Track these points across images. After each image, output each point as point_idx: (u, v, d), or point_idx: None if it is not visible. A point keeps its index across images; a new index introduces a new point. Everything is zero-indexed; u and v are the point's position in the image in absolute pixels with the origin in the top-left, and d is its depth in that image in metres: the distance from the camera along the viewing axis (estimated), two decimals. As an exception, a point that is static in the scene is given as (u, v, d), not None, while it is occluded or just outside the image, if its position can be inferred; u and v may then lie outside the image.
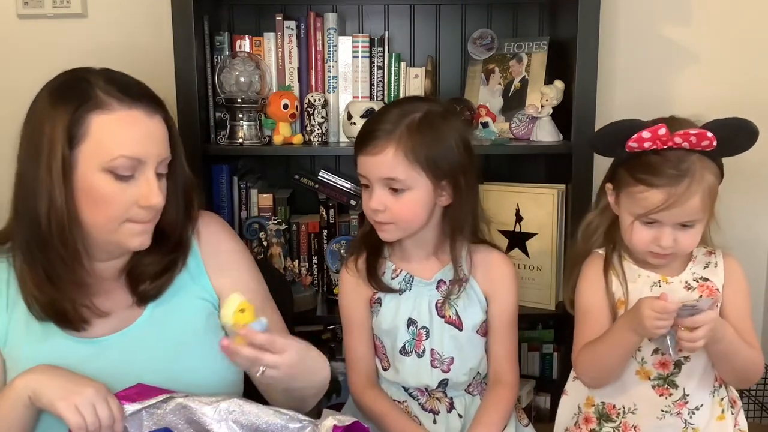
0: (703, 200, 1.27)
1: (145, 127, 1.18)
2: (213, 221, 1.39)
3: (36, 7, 2.07)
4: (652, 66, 2.11)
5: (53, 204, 1.14)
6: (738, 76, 2.11)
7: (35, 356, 1.18)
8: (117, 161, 1.14)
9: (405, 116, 1.35)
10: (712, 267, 1.37)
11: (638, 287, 1.36)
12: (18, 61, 2.10)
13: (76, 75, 1.20)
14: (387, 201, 1.35)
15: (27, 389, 1.10)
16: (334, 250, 1.97)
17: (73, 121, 1.13)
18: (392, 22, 2.10)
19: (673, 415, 1.35)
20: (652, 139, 1.27)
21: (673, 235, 1.29)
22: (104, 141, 1.14)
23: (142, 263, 1.26)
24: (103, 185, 1.15)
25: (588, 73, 1.77)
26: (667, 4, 2.10)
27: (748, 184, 2.11)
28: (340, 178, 2.10)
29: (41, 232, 1.15)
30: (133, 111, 1.16)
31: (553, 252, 1.88)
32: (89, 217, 1.17)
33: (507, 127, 1.97)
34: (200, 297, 1.31)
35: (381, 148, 1.33)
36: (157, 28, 1.96)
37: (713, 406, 1.38)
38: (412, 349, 1.45)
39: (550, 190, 1.88)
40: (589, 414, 1.42)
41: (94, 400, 1.07)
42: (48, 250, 1.16)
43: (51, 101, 1.16)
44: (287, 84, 1.98)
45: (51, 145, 1.13)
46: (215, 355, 1.21)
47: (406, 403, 1.49)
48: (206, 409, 1.14)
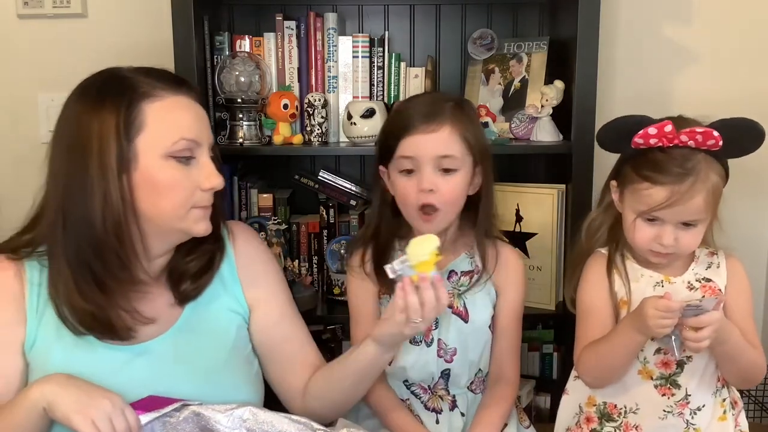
0: (707, 200, 1.27)
1: (194, 110, 1.21)
2: (248, 231, 1.40)
3: (36, 7, 2.07)
4: (653, 66, 2.11)
5: (108, 201, 1.13)
6: (738, 76, 2.11)
7: (67, 362, 1.18)
8: (178, 144, 1.15)
9: (445, 100, 1.40)
10: (714, 268, 1.38)
11: (641, 287, 1.36)
12: (18, 61, 2.11)
13: (110, 74, 1.20)
14: (438, 181, 1.35)
15: (42, 400, 1.09)
16: (334, 250, 1.97)
17: (126, 114, 1.13)
18: (392, 22, 2.10)
19: (675, 415, 1.35)
20: (658, 136, 1.27)
21: (674, 234, 1.29)
22: (163, 127, 1.15)
23: (184, 261, 1.26)
24: (168, 172, 1.15)
25: (588, 73, 1.77)
26: (667, 4, 2.10)
27: (748, 184, 2.11)
28: (340, 178, 2.10)
29: (95, 232, 1.14)
30: (180, 96, 1.19)
31: (553, 252, 1.88)
32: (153, 208, 1.16)
33: (507, 127, 1.97)
34: (232, 309, 1.32)
35: (438, 125, 1.35)
36: (157, 28, 1.96)
37: (715, 406, 1.38)
38: (421, 339, 1.45)
39: (550, 190, 1.88)
40: (591, 413, 1.42)
41: (110, 413, 1.07)
42: (104, 251, 1.15)
43: (93, 101, 1.16)
44: (287, 84, 1.98)
45: (101, 142, 1.13)
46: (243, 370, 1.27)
47: (409, 401, 1.50)
48: (220, 417, 1.13)
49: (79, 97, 1.18)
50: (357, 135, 1.86)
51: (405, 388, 1.50)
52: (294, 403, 1.36)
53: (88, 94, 1.18)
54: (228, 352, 1.28)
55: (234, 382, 1.28)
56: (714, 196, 1.28)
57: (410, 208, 1.40)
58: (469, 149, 1.38)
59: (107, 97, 1.15)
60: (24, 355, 1.20)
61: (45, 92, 2.10)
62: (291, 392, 1.36)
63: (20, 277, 1.21)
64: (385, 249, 1.46)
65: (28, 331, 1.20)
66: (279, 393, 1.38)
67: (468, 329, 1.45)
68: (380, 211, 1.48)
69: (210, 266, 1.29)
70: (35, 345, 1.20)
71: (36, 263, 1.22)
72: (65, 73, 2.08)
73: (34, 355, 1.20)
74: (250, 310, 1.33)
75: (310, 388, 1.34)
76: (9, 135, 2.13)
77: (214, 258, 1.30)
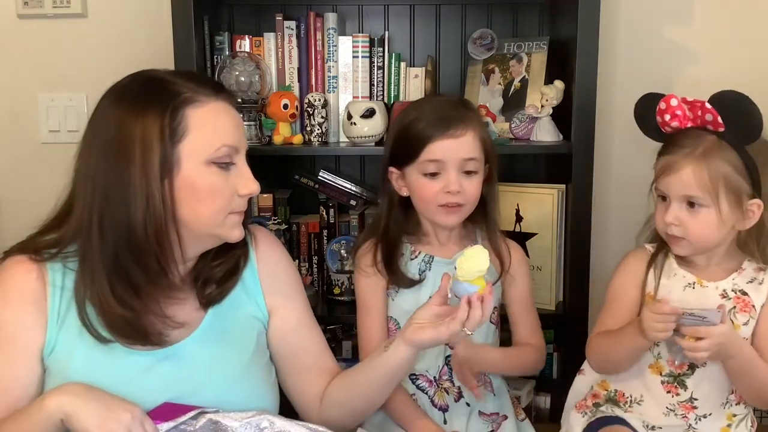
0: (700, 176, 1.27)
1: (233, 115, 1.21)
2: (270, 237, 1.40)
3: (36, 7, 2.07)
4: (652, 66, 2.11)
5: (150, 206, 1.11)
6: (738, 76, 2.10)
7: (88, 367, 1.16)
8: (221, 150, 1.15)
9: (460, 103, 1.49)
10: (756, 283, 1.36)
11: (671, 284, 1.37)
12: (18, 61, 2.11)
13: (149, 77, 1.19)
14: (463, 183, 1.42)
15: (59, 412, 1.07)
16: (334, 250, 1.97)
17: (171, 119, 1.12)
18: (392, 22, 2.10)
19: (678, 416, 1.35)
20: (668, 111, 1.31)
21: (678, 212, 1.30)
22: (205, 133, 1.15)
23: (210, 265, 1.26)
24: (209, 178, 1.15)
25: (588, 73, 1.77)
26: (667, 4, 2.10)
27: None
28: (340, 178, 2.10)
29: (136, 237, 1.12)
30: (220, 102, 1.18)
31: (553, 252, 1.88)
32: (192, 213, 1.15)
33: (507, 127, 1.97)
34: (253, 315, 1.31)
35: (464, 130, 1.42)
36: (157, 28, 1.96)
37: (720, 418, 1.37)
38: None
39: (550, 190, 1.88)
40: (599, 393, 1.45)
41: (130, 425, 1.06)
42: (144, 256, 1.13)
43: (135, 104, 1.13)
44: (287, 84, 1.98)
45: (145, 146, 1.11)
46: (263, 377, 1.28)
47: (415, 396, 1.51)
48: (237, 426, 1.13)
49: (118, 100, 1.16)
50: (357, 135, 1.86)
51: (410, 383, 1.51)
52: (310, 412, 1.34)
53: (127, 97, 1.15)
54: (249, 358, 1.27)
55: (255, 389, 1.27)
56: (714, 179, 1.27)
57: (430, 205, 1.46)
58: (485, 151, 1.45)
59: (150, 101, 1.13)
60: (42, 360, 1.18)
61: (45, 92, 2.10)
62: (307, 401, 1.35)
63: (42, 279, 1.18)
64: (394, 246, 1.50)
65: (48, 336, 1.17)
66: (295, 401, 1.37)
67: None
68: (389, 211, 1.53)
69: (235, 271, 1.28)
70: (55, 350, 1.18)
71: (60, 265, 1.19)
72: (65, 73, 2.10)
73: (54, 359, 1.18)
74: (270, 317, 1.33)
75: (328, 394, 1.33)
76: (9, 135, 2.12)
77: (239, 263, 1.29)
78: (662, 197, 1.34)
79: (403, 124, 1.48)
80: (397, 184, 1.49)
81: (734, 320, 1.33)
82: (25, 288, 1.18)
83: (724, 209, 1.29)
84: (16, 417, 1.12)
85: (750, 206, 1.30)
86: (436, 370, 1.50)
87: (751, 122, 1.27)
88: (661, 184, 1.32)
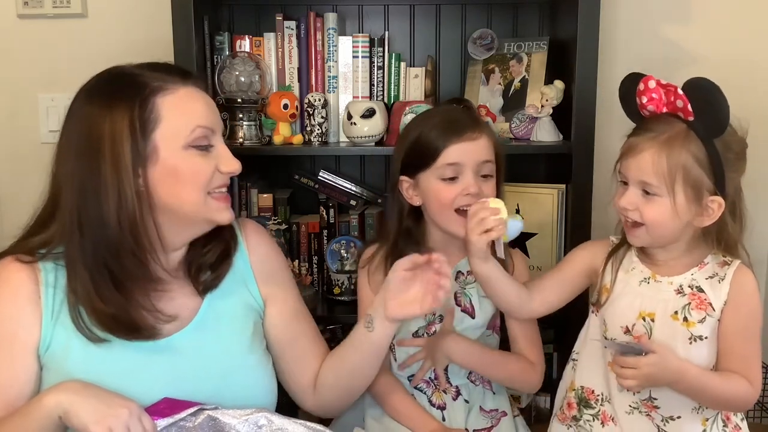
0: (658, 164, 1.22)
1: (205, 99, 1.23)
2: (259, 228, 1.42)
3: (36, 7, 2.07)
4: (652, 66, 2.09)
5: (123, 201, 1.13)
6: (738, 76, 2.10)
7: (85, 362, 1.17)
8: (195, 132, 1.17)
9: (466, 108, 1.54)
10: (716, 279, 1.29)
11: (627, 278, 1.35)
12: (18, 61, 2.11)
13: (116, 73, 1.21)
14: (481, 185, 1.44)
15: (58, 409, 1.08)
16: (334, 250, 1.97)
17: (140, 111, 1.14)
18: (392, 22, 2.10)
19: (642, 414, 1.33)
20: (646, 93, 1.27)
21: (634, 197, 1.26)
22: (179, 118, 1.17)
23: (201, 252, 1.28)
24: (190, 160, 1.17)
25: (588, 73, 1.77)
26: (667, 4, 2.10)
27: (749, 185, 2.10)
28: (340, 178, 2.10)
29: (111, 233, 1.14)
30: (189, 87, 1.20)
31: (553, 252, 1.88)
32: (175, 198, 1.17)
33: (507, 127, 1.97)
34: (248, 304, 1.33)
35: (479, 133, 1.44)
36: (157, 28, 1.96)
37: (693, 422, 1.32)
38: (422, 334, 1.50)
39: (550, 190, 1.88)
40: (571, 399, 1.43)
41: (128, 421, 1.07)
42: (120, 251, 1.15)
43: (104, 101, 1.16)
44: (287, 84, 1.98)
45: (114, 141, 1.13)
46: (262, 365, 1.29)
47: (413, 396, 1.52)
48: (235, 423, 1.13)
49: (87, 99, 1.18)
50: (357, 135, 1.86)
51: (409, 383, 1.51)
52: (305, 399, 1.38)
53: (96, 95, 1.18)
54: (248, 347, 1.29)
55: (254, 377, 1.29)
56: (673, 168, 1.22)
57: (448, 210, 1.44)
58: (495, 153, 1.47)
59: (118, 96, 1.15)
60: (38, 358, 1.19)
61: (45, 92, 2.10)
62: (302, 388, 1.38)
63: (35, 278, 1.20)
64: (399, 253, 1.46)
65: (43, 334, 1.19)
66: (291, 390, 1.39)
67: (476, 325, 1.51)
68: (399, 222, 1.52)
69: (227, 255, 1.31)
70: (51, 347, 1.19)
71: (52, 264, 1.21)
72: (65, 73, 2.10)
73: (50, 356, 1.19)
74: (265, 306, 1.35)
75: (321, 377, 1.36)
76: (9, 135, 2.13)
77: (230, 248, 1.31)
78: (623, 182, 1.30)
79: (415, 135, 1.47)
80: (407, 194, 1.49)
81: (688, 317, 1.28)
82: (19, 287, 1.19)
83: (680, 202, 1.23)
84: (15, 415, 1.13)
85: (710, 203, 1.24)
86: (432, 372, 1.51)
87: (717, 114, 1.20)
88: (622, 167, 1.28)
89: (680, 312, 1.29)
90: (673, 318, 1.29)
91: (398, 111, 1.87)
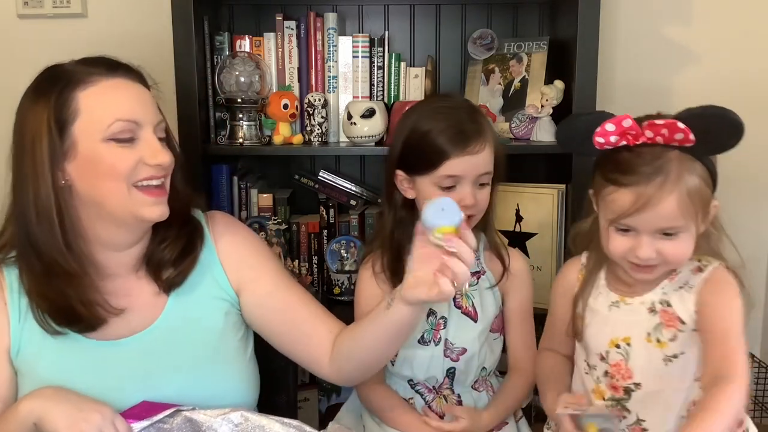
0: (683, 204, 1.12)
1: (132, 90, 1.20)
2: (226, 217, 1.40)
3: (36, 7, 2.07)
4: (652, 66, 2.11)
5: (39, 198, 1.14)
6: (738, 76, 2.11)
7: (56, 364, 1.17)
8: (114, 126, 1.14)
9: (473, 110, 1.47)
10: (685, 289, 1.20)
11: (597, 304, 1.28)
12: (18, 61, 2.10)
13: (50, 68, 1.22)
14: (477, 194, 1.41)
15: (32, 415, 1.09)
16: (334, 250, 1.97)
17: (58, 106, 1.14)
18: (392, 22, 2.10)
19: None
20: (619, 133, 1.14)
21: (653, 245, 1.14)
22: (96, 111, 1.15)
23: (159, 248, 1.26)
24: (109, 152, 1.15)
25: (588, 73, 1.77)
26: (667, 4, 2.10)
27: (749, 186, 2.11)
28: (340, 178, 2.10)
29: (32, 228, 1.15)
30: (115, 79, 1.19)
31: (553, 252, 1.88)
32: (96, 191, 1.16)
33: (507, 127, 1.97)
34: (217, 296, 1.30)
35: (482, 146, 1.39)
36: (157, 28, 1.96)
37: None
38: (430, 339, 1.47)
39: (550, 190, 1.88)
40: None
41: (101, 425, 1.07)
42: (40, 245, 1.16)
43: (31, 99, 1.18)
44: (287, 84, 1.98)
45: (34, 138, 1.14)
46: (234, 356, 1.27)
47: (413, 400, 1.50)
48: (213, 422, 1.14)
49: (24, 95, 1.20)
50: (357, 135, 1.86)
51: (409, 388, 1.50)
52: (320, 368, 1.32)
53: (29, 91, 1.19)
54: (217, 340, 1.27)
55: (228, 369, 1.27)
56: (694, 199, 1.12)
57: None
58: (496, 162, 1.45)
59: (41, 91, 1.16)
60: (11, 362, 1.20)
61: (45, 92, 2.10)
62: (314, 358, 1.32)
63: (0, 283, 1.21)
64: (399, 254, 1.46)
65: (12, 338, 1.19)
66: (302, 362, 1.35)
67: (478, 329, 1.47)
68: (394, 217, 1.49)
69: (191, 251, 1.27)
70: (21, 351, 1.19)
71: (14, 268, 1.21)
72: (65, 73, 2.10)
73: (22, 360, 1.19)
74: (238, 295, 1.32)
75: (338, 348, 1.30)
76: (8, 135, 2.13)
77: (194, 243, 1.28)
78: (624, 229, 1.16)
79: (418, 133, 1.43)
80: (402, 186, 1.46)
81: (660, 338, 1.20)
82: None
83: (699, 224, 1.16)
84: None
85: (712, 209, 1.18)
86: (437, 381, 1.49)
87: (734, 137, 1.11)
88: (632, 222, 1.14)
89: (652, 333, 1.22)
90: (647, 341, 1.22)
91: (398, 111, 1.87)
